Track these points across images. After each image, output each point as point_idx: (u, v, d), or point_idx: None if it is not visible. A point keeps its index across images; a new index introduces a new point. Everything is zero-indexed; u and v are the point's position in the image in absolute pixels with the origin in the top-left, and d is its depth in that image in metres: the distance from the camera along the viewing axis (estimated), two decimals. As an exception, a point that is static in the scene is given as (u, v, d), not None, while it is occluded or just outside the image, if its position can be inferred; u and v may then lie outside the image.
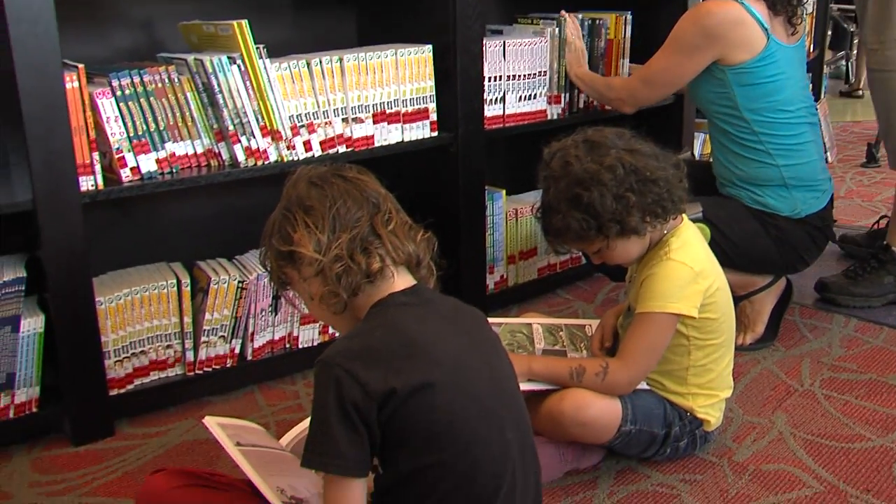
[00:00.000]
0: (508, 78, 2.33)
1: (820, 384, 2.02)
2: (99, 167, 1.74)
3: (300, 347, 2.12)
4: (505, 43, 2.30)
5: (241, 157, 1.89)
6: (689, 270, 1.61)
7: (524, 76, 2.37)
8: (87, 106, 1.71)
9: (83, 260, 1.74)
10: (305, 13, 2.30)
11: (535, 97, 2.41)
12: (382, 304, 1.23)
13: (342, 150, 2.03)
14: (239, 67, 1.84)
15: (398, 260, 1.24)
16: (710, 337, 1.67)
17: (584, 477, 1.69)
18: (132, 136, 1.78)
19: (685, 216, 1.71)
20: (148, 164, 1.80)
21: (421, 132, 2.17)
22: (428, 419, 1.13)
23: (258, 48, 1.86)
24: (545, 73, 2.42)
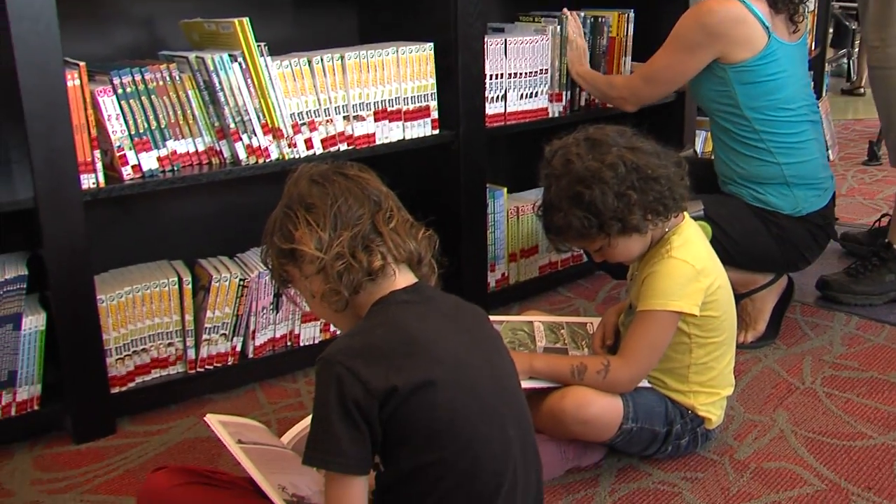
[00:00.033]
0: (510, 76, 2.33)
1: (821, 382, 2.02)
2: (100, 165, 1.74)
3: (301, 345, 2.12)
4: (506, 41, 2.30)
5: (242, 155, 1.89)
6: (690, 268, 1.61)
7: (525, 74, 2.36)
8: (88, 104, 1.71)
9: (84, 258, 1.74)
10: (307, 11, 2.30)
11: (536, 95, 2.41)
12: (384, 301, 1.23)
13: (343, 147, 2.03)
14: (240, 65, 1.84)
15: (399, 258, 1.24)
16: (711, 335, 1.67)
17: (585, 475, 1.69)
18: (133, 133, 1.78)
19: (686, 214, 1.71)
20: (149, 162, 1.80)
21: (422, 130, 2.17)
22: (429, 417, 1.13)
23: (259, 46, 1.86)
24: (547, 70, 2.41)
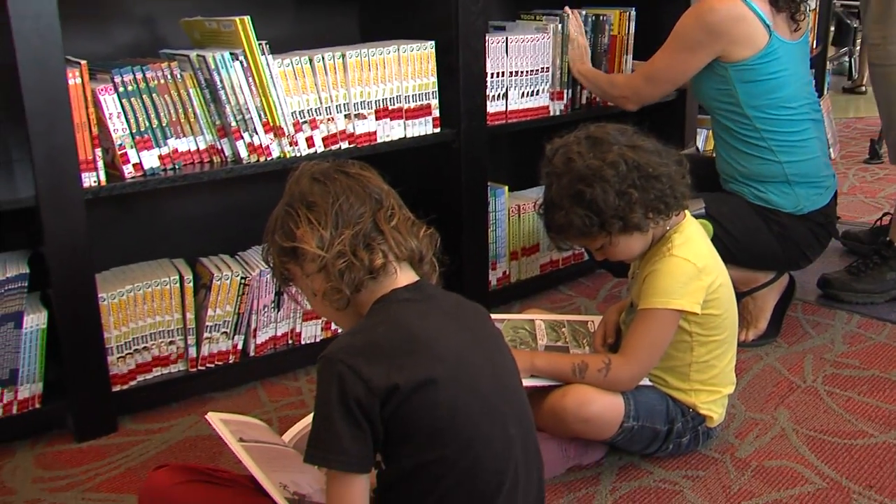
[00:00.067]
0: (511, 74, 2.33)
1: (822, 380, 2.02)
2: (101, 163, 1.75)
3: (303, 343, 2.12)
4: (508, 39, 2.30)
5: (243, 153, 1.89)
6: (691, 267, 1.61)
7: (527, 72, 2.36)
8: (89, 102, 1.71)
9: (86, 256, 1.75)
10: (308, 9, 2.30)
11: (537, 93, 2.41)
12: (385, 300, 1.23)
13: (344, 146, 2.03)
14: (241, 64, 1.84)
15: (401, 256, 1.24)
16: (712, 333, 1.67)
17: (586, 473, 1.69)
18: (134, 132, 1.78)
19: (688, 212, 1.71)
20: (150, 160, 1.81)
21: (423, 128, 2.17)
22: (430, 415, 1.13)
23: (260, 44, 1.86)
24: (548, 69, 2.41)
